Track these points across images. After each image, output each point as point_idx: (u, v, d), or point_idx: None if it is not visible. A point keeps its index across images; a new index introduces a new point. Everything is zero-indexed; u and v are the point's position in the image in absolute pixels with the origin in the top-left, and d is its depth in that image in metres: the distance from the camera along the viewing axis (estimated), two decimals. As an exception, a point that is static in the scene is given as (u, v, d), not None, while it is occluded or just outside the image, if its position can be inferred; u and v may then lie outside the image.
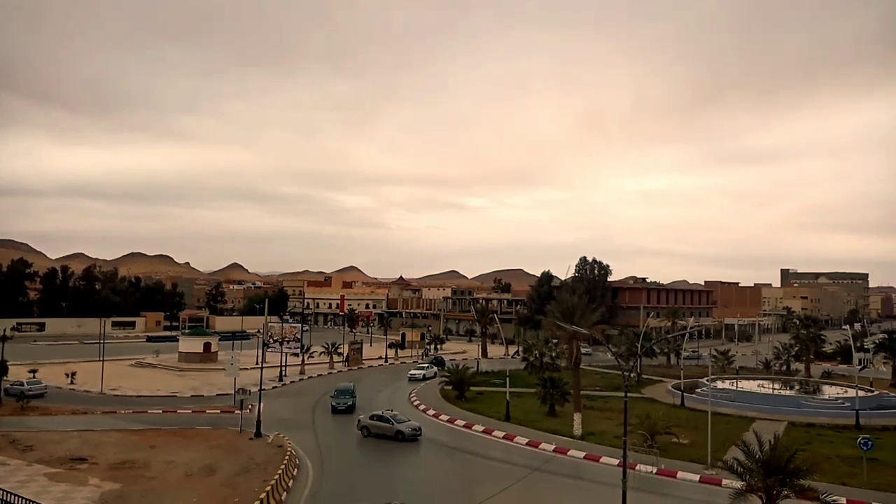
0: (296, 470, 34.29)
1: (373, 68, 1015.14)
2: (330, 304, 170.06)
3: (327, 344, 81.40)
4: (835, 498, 22.72)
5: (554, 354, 64.51)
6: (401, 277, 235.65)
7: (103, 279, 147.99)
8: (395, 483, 33.32)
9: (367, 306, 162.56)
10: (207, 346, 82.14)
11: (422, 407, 54.17)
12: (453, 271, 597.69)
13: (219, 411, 51.00)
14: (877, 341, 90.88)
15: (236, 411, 45.51)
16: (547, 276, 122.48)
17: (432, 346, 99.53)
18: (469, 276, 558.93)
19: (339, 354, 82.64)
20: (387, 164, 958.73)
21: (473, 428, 46.52)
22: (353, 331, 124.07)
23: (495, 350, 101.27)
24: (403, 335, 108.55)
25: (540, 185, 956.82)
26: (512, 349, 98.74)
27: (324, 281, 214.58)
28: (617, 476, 23.33)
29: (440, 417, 50.24)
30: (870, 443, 35.99)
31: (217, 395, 58.95)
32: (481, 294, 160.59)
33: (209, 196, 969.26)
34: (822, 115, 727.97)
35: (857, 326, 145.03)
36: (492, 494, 30.48)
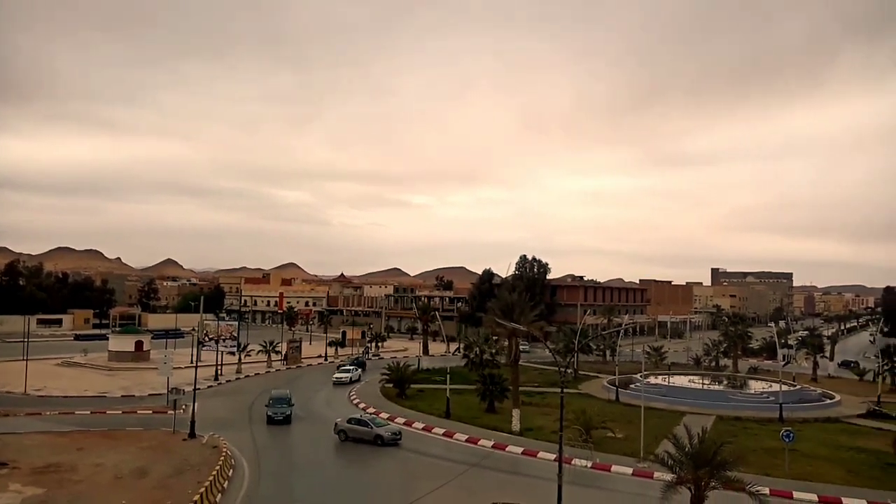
0: (231, 471, 33.62)
1: (316, 62, 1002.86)
2: (268, 302, 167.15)
3: (265, 342, 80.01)
4: (759, 488, 23.76)
5: (494, 351, 65.20)
6: (342, 275, 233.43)
7: (28, 274, 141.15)
8: (334, 482, 33.09)
9: (306, 304, 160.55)
10: (139, 344, 79.53)
11: (362, 405, 53.87)
12: (396, 269, 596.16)
13: (151, 412, 49.50)
14: (799, 338, 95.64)
15: (169, 411, 44.30)
16: (488, 274, 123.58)
17: (373, 344, 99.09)
18: (412, 274, 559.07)
19: (278, 353, 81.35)
20: (329, 159, 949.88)
21: (413, 425, 46.57)
22: (293, 329, 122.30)
23: (437, 347, 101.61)
24: (344, 333, 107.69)
25: (483, 184, 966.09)
26: (453, 346, 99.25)
27: (262, 278, 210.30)
28: (554, 470, 23.79)
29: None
30: (791, 435, 37.77)
31: (149, 395, 57.15)
32: (424, 292, 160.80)
33: (143, 189, 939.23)
34: (752, 121, 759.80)
35: (782, 324, 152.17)
36: (429, 491, 30.62)
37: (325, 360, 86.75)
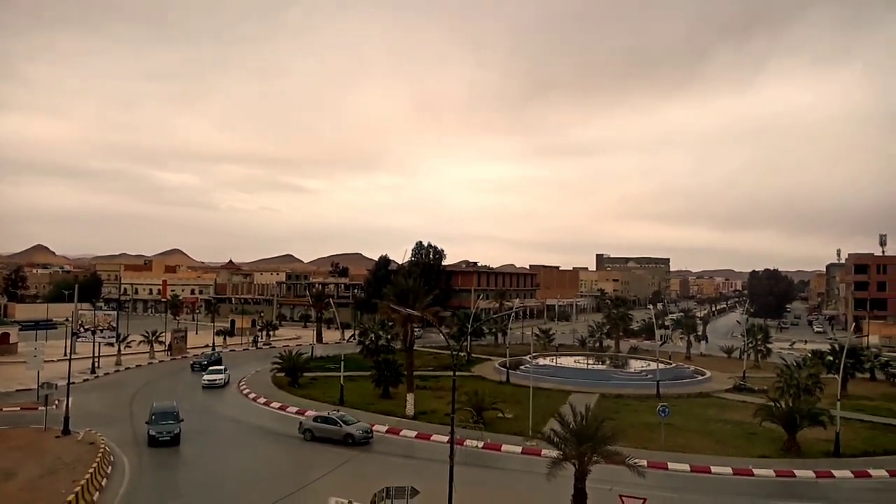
0: (110, 468, 31.88)
1: (202, 39, 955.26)
2: (151, 290, 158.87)
3: (147, 332, 76.13)
4: (637, 461, 25.25)
5: (389, 337, 65.30)
6: (231, 261, 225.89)
7: None
8: (221, 475, 32.15)
9: (192, 292, 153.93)
10: (5, 336, 73.65)
11: (251, 395, 52.51)
12: (289, 255, 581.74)
13: (19, 408, 45.95)
14: (675, 319, 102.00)
15: (40, 408, 41.35)
16: (384, 261, 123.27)
17: (264, 333, 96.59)
18: (305, 261, 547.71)
19: (161, 343, 77.65)
20: (217, 140, 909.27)
21: (306, 414, 45.85)
22: (177, 318, 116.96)
23: (331, 335, 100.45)
24: (233, 322, 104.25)
25: (379, 170, 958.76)
26: (348, 333, 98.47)
27: (144, 265, 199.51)
28: (447, 452, 24.22)
29: (271, 405, 49.03)
30: (667, 410, 40.34)
31: (17, 390, 53.03)
32: (318, 278, 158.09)
33: (8, 169, 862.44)
34: (634, 114, 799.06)
35: (660, 306, 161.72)
36: (318, 477, 30.36)
37: (213, 349, 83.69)
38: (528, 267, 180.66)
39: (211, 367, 60.94)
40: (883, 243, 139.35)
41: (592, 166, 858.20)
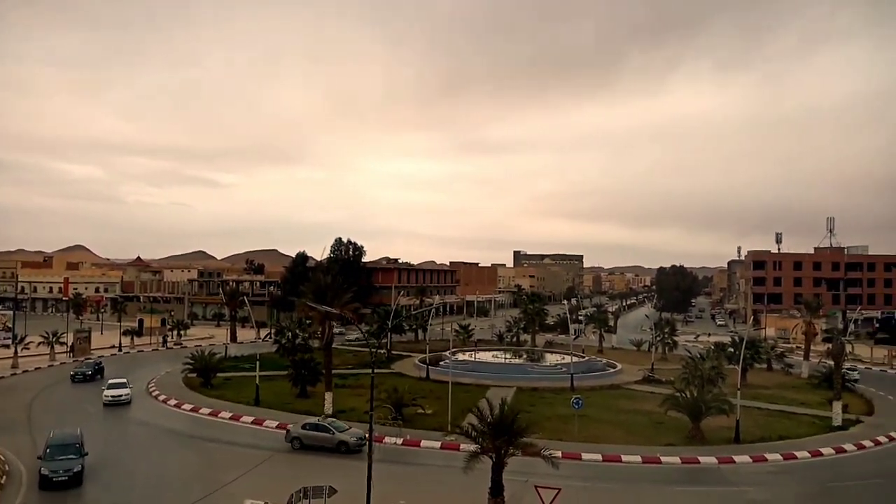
0: (4, 477, 29.92)
1: (107, 23, 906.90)
2: (51, 288, 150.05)
3: (47, 333, 71.86)
4: (552, 452, 25.95)
5: (307, 335, 64.37)
6: (139, 258, 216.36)
7: None
8: (129, 478, 30.77)
9: (97, 290, 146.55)
10: None
11: (161, 397, 50.49)
12: (201, 251, 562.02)
13: None
14: (588, 314, 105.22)
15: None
16: (302, 257, 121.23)
17: (174, 332, 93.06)
18: (219, 257, 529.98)
19: (63, 344, 73.50)
20: (123, 131, 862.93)
21: (220, 415, 44.64)
22: (80, 318, 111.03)
23: (246, 334, 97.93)
24: (141, 321, 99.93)
25: (296, 164, 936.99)
26: (264, 332, 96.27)
27: (43, 262, 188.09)
28: (366, 450, 24.10)
29: (183, 407, 47.32)
30: (580, 402, 41.61)
31: None
32: (232, 275, 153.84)
33: None
34: (550, 114, 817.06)
35: (574, 301, 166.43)
36: (231, 480, 29.59)
37: (120, 350, 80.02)
38: (448, 263, 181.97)
39: (112, 381, 50.34)
40: (779, 241, 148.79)
41: (510, 164, 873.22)
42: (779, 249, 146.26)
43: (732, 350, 63.45)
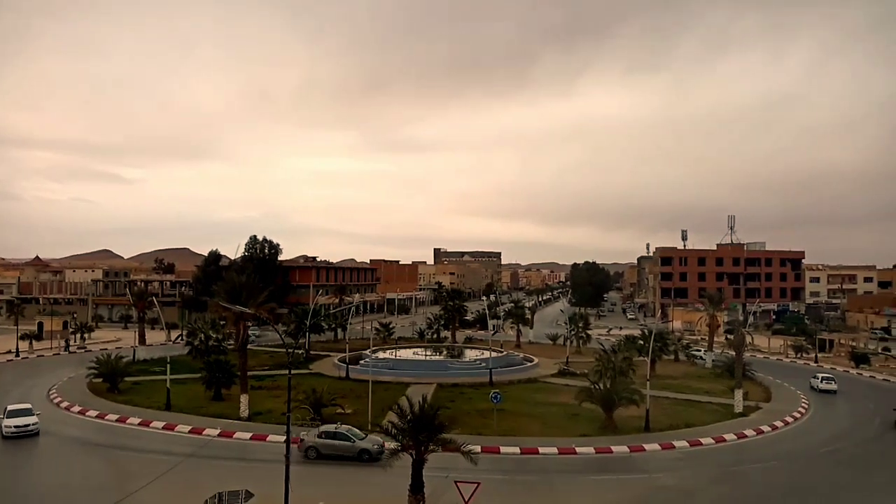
0: None
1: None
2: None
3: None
4: (472, 447, 26.27)
5: (220, 337, 62.52)
6: (37, 257, 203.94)
7: None
8: (27, 494, 28.96)
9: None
10: None
11: (64, 404, 47.73)
12: (106, 251, 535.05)
13: None
14: (506, 310, 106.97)
15: None
16: (215, 256, 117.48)
17: (78, 336, 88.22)
18: (125, 256, 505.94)
19: (-49, 351, 68.31)
20: (19, 123, 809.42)
21: (128, 421, 42.68)
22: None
23: (156, 336, 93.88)
24: (41, 324, 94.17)
25: (209, 160, 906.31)
26: (175, 334, 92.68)
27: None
28: (283, 452, 23.62)
29: (87, 414, 44.91)
30: (499, 396, 42.29)
31: None
32: (140, 275, 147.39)
33: None
34: (469, 113, 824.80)
35: (492, 297, 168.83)
36: (141, 487, 28.34)
37: (17, 355, 75.12)
38: (368, 261, 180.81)
39: (13, 407, 40.56)
40: (684, 238, 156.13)
41: (430, 162, 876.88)
42: (684, 246, 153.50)
43: (642, 342, 66.00)
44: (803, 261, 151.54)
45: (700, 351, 77.30)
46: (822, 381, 60.98)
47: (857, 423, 47.42)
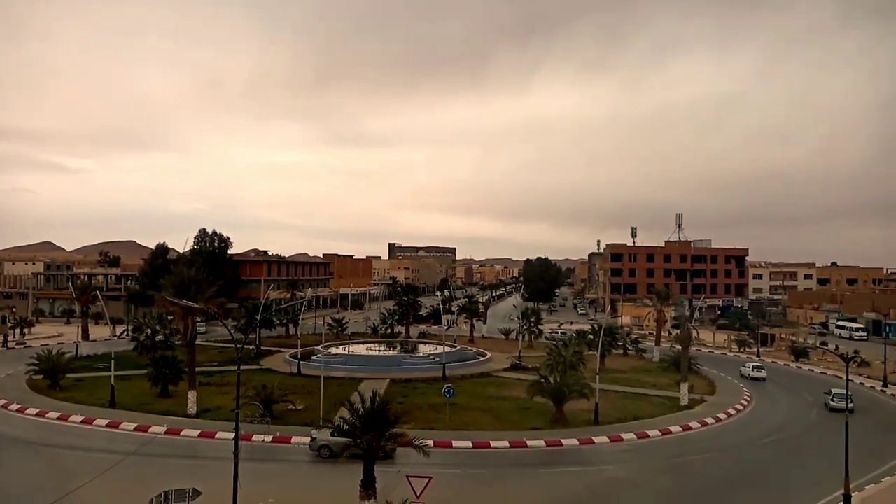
0: None
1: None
2: None
3: None
4: (424, 441, 26.34)
5: (168, 332, 61.13)
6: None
7: None
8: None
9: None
10: None
11: (2, 402, 45.86)
12: (48, 243, 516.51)
13: None
14: (460, 305, 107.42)
15: None
16: (162, 249, 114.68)
17: (16, 331, 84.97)
18: (68, 249, 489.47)
19: None
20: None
21: (70, 419, 41.36)
22: None
23: (100, 331, 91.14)
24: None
25: (157, 150, 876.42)
26: (121, 329, 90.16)
27: None
28: (233, 449, 23.23)
29: (27, 412, 43.34)
30: (451, 391, 42.52)
31: None
32: (83, 269, 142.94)
33: None
34: (425, 109, 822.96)
35: (447, 292, 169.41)
36: (82, 485, 27.53)
37: (-50, 352, 71.99)
38: (321, 256, 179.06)
39: None
40: (634, 235, 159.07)
41: (385, 157, 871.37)
42: (634, 243, 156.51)
43: (592, 337, 67.12)
44: (747, 258, 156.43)
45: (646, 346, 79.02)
46: (752, 370, 65.47)
47: (796, 414, 49.28)
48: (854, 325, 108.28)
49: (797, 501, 28.48)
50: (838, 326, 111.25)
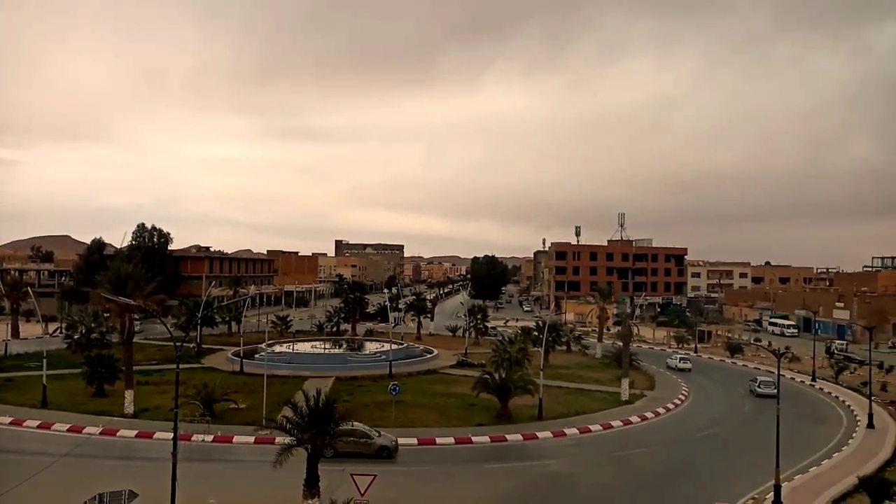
0: None
1: None
2: None
3: None
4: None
5: (104, 330, 59.25)
6: None
7: None
8: None
9: None
10: None
11: (-78, 404, 43.63)
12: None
13: None
14: (408, 302, 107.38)
15: None
16: (99, 244, 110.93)
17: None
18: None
19: None
20: None
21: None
22: None
23: (32, 329, 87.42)
24: None
25: (94, 142, 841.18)
26: (53, 327, 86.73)
27: None
28: (171, 450, 22.64)
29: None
30: (398, 388, 42.46)
31: None
32: (14, 264, 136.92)
33: None
34: (373, 105, 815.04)
35: (394, 290, 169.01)
36: (6, 490, 26.43)
37: None
38: (266, 252, 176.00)
39: None
40: (578, 234, 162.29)
41: (333, 153, 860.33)
42: (578, 242, 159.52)
43: (537, 334, 68.07)
44: (686, 257, 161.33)
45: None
46: (679, 361, 69.45)
47: (731, 408, 51.13)
48: (786, 322, 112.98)
49: (731, 492, 29.51)
50: (771, 323, 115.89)
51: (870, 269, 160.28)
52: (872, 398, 48.12)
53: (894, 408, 50.65)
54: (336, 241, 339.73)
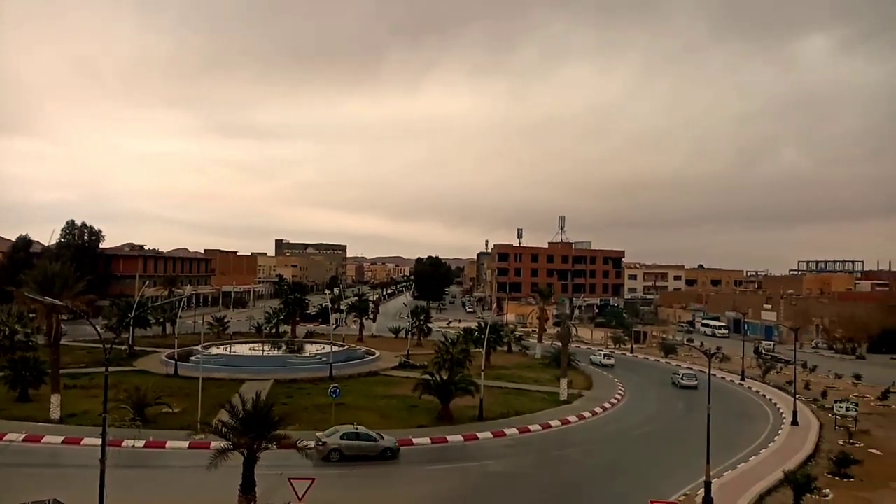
0: None
1: None
2: None
3: None
4: (308, 443, 25.87)
5: (29, 331, 56.67)
6: None
7: None
8: None
9: None
10: None
11: None
12: None
13: None
14: (350, 303, 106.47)
15: None
16: (24, 242, 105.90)
17: None
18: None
19: None
20: None
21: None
22: None
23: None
24: None
25: (18, 135, 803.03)
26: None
27: None
28: (99, 456, 21.78)
29: None
30: (338, 390, 41.99)
31: None
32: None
33: None
34: (316, 104, 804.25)
35: (336, 291, 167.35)
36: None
37: None
38: (202, 251, 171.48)
39: None
40: (520, 236, 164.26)
41: (272, 150, 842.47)
42: (520, 243, 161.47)
43: (479, 335, 68.54)
44: (623, 260, 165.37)
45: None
46: (603, 357, 72.79)
47: (664, 407, 52.63)
48: (717, 324, 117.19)
49: (665, 488, 30.33)
50: (703, 324, 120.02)
51: (796, 272, 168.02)
52: (797, 396, 50.33)
53: (816, 405, 53.15)
54: (276, 240, 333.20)
